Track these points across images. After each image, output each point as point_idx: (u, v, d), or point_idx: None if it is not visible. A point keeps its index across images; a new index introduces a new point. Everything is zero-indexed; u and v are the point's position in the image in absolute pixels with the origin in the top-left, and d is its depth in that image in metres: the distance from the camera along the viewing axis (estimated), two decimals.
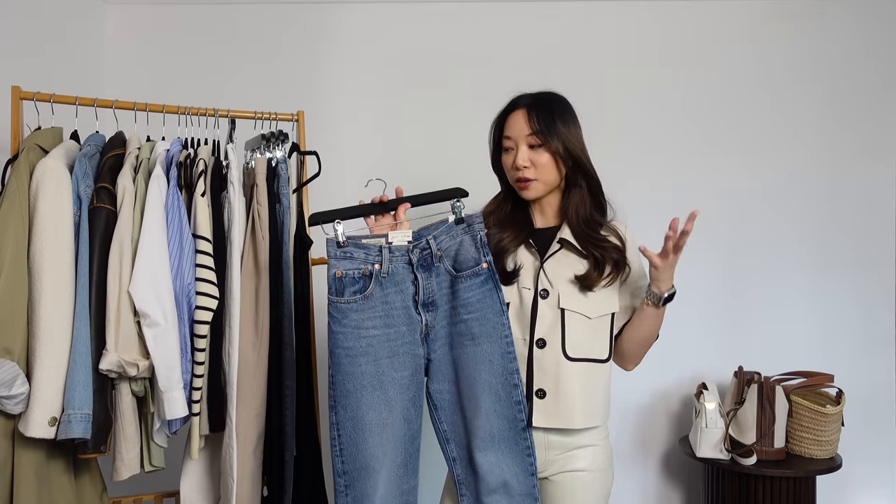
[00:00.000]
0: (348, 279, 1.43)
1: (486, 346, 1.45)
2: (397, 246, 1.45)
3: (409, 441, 1.45)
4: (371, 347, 1.42)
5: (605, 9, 2.69)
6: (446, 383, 1.47)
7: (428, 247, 1.46)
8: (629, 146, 2.66)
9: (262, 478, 1.71)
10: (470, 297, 1.45)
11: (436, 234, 1.47)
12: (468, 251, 1.47)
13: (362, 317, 1.42)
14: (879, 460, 2.66)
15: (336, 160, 2.53)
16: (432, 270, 1.46)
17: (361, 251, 1.44)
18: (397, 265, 1.45)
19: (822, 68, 2.68)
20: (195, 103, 1.86)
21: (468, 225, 1.48)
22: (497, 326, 1.46)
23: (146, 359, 1.54)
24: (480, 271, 1.46)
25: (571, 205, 1.58)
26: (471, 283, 1.45)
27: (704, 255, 2.66)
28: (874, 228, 2.67)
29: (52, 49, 2.37)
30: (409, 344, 1.44)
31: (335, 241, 1.44)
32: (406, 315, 1.44)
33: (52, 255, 1.48)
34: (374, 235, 1.47)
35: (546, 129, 1.51)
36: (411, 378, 1.44)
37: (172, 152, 1.68)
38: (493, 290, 1.46)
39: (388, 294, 1.43)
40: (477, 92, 2.61)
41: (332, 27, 2.69)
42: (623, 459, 2.68)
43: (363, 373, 1.42)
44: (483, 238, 1.47)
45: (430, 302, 1.46)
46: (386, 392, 1.42)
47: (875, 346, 2.67)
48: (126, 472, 1.60)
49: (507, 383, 1.45)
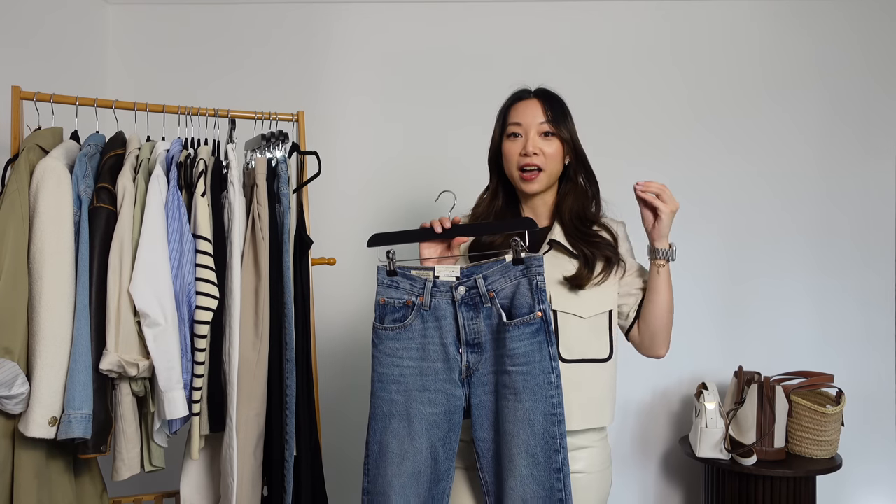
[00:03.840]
0: (390, 307, 1.43)
1: (529, 403, 1.36)
2: (443, 281, 1.42)
3: (434, 481, 1.41)
4: (403, 377, 1.41)
5: (605, 9, 2.69)
6: (490, 433, 1.41)
7: (475, 286, 1.40)
8: (628, 144, 2.66)
9: (262, 478, 1.71)
10: (517, 347, 1.36)
11: (487, 273, 1.40)
12: (524, 296, 1.38)
13: (397, 346, 1.42)
14: (879, 460, 2.66)
15: (336, 160, 2.53)
16: (480, 311, 1.40)
17: (408, 282, 1.43)
18: (440, 300, 1.41)
19: (823, 66, 2.68)
20: (195, 103, 1.86)
21: (526, 267, 1.38)
22: (543, 385, 1.36)
23: (146, 359, 1.54)
24: (533, 320, 1.37)
25: (565, 202, 1.56)
26: (520, 332, 1.37)
27: (704, 255, 2.66)
28: (875, 228, 2.67)
29: (52, 49, 2.37)
30: (444, 382, 1.40)
31: (385, 268, 1.44)
32: (443, 352, 1.41)
33: (52, 255, 1.48)
34: (424, 267, 1.44)
35: (558, 118, 1.54)
36: (443, 417, 1.40)
37: (172, 152, 1.68)
38: (543, 342, 1.36)
39: (428, 328, 1.41)
40: (477, 92, 2.61)
41: (333, 27, 2.69)
42: (623, 459, 2.68)
43: (392, 400, 1.41)
44: (540, 283, 1.37)
45: (475, 343, 1.40)
46: (411, 424, 1.40)
47: (875, 346, 2.67)
48: (126, 472, 1.60)
49: (546, 447, 1.35)
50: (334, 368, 2.59)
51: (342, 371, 2.60)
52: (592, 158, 1.61)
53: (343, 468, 2.39)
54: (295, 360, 1.70)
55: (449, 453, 1.42)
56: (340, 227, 2.63)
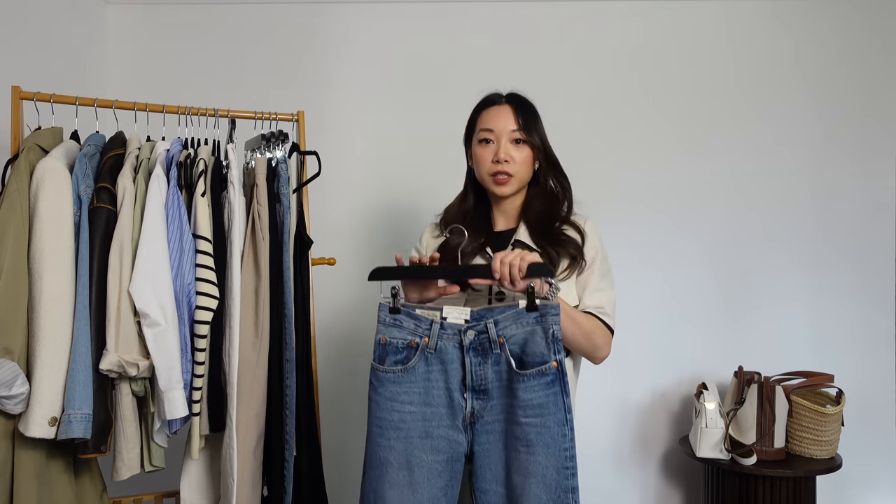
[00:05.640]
0: (392, 347, 1.37)
1: (542, 457, 1.31)
2: (451, 323, 1.36)
3: None
4: (404, 423, 1.36)
5: (606, 9, 2.69)
6: (495, 485, 1.35)
7: (486, 331, 1.35)
8: (622, 148, 2.66)
9: (262, 478, 1.71)
10: (531, 398, 1.32)
11: (499, 318, 1.35)
12: (538, 344, 1.32)
13: (399, 389, 1.36)
14: (879, 460, 2.66)
15: (336, 160, 2.53)
16: (489, 357, 1.35)
17: (412, 321, 1.37)
18: (447, 343, 1.36)
19: (822, 66, 2.68)
20: (195, 103, 1.86)
21: (541, 315, 1.33)
22: (557, 437, 1.31)
23: (146, 359, 1.54)
24: (548, 371, 1.32)
25: (532, 204, 1.56)
26: (535, 382, 1.32)
27: (704, 256, 2.66)
28: (874, 228, 2.67)
29: (52, 49, 2.37)
30: (448, 428, 1.36)
31: (388, 305, 1.38)
32: (448, 397, 1.36)
33: (52, 255, 1.48)
34: (430, 307, 1.38)
35: (529, 125, 1.54)
36: (445, 465, 1.36)
37: (172, 152, 1.68)
38: (558, 394, 1.32)
39: (432, 371, 1.36)
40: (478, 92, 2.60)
41: (333, 27, 2.69)
42: (623, 459, 2.68)
43: (391, 447, 1.35)
44: (556, 333, 1.32)
45: (482, 389, 1.36)
46: (412, 473, 1.35)
47: (875, 346, 2.66)
48: (126, 472, 1.60)
49: (559, 501, 1.31)
50: (334, 368, 2.59)
51: (342, 371, 2.60)
52: (588, 160, 1.61)
53: (343, 468, 2.39)
54: (295, 360, 1.70)
55: (450, 502, 1.37)
56: (340, 227, 2.63)
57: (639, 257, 2.63)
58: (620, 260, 1.62)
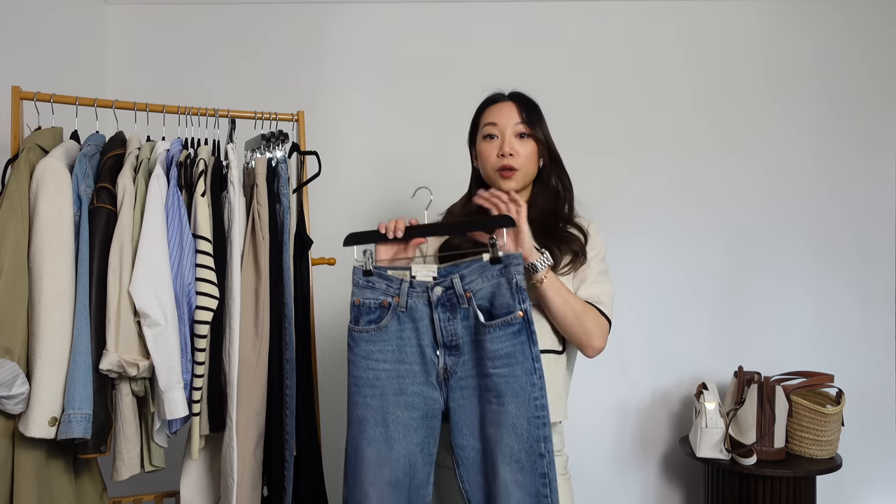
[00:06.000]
0: (365, 308, 1.40)
1: (512, 407, 1.32)
2: (420, 281, 1.38)
3: (414, 489, 1.37)
4: (378, 381, 1.38)
5: (607, 9, 2.69)
6: (472, 440, 1.36)
7: (452, 286, 1.37)
8: (627, 144, 2.66)
9: (262, 478, 1.71)
10: (498, 349, 1.33)
11: (465, 272, 1.37)
12: (504, 296, 1.34)
13: (373, 348, 1.39)
14: (879, 460, 2.66)
15: (336, 160, 2.53)
16: (457, 312, 1.37)
17: (384, 282, 1.40)
18: (416, 301, 1.38)
19: (822, 66, 2.68)
20: (195, 103, 1.86)
21: (505, 266, 1.34)
22: (526, 387, 1.32)
23: (146, 359, 1.54)
24: (513, 321, 1.33)
25: (536, 202, 1.56)
26: (501, 333, 1.33)
27: (704, 255, 2.66)
28: (875, 227, 2.67)
29: (52, 49, 2.37)
30: (422, 385, 1.38)
31: (362, 268, 1.41)
32: (420, 354, 1.38)
33: (52, 255, 1.48)
34: (400, 267, 1.41)
35: (533, 120, 1.55)
36: (421, 421, 1.38)
37: (172, 152, 1.68)
38: (525, 343, 1.33)
39: (404, 329, 1.38)
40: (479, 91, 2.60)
41: (333, 27, 2.69)
42: (623, 459, 2.68)
43: (368, 405, 1.38)
44: (519, 283, 1.33)
45: (453, 345, 1.38)
46: (388, 430, 1.37)
47: (875, 345, 2.67)
48: (126, 472, 1.60)
49: (531, 451, 1.32)
50: (334, 368, 2.59)
51: (342, 371, 2.59)
52: (591, 157, 1.61)
53: (343, 468, 2.39)
54: (295, 360, 1.70)
55: (427, 459, 1.38)
56: (340, 227, 2.62)
57: (639, 257, 2.63)
58: (620, 260, 1.62)
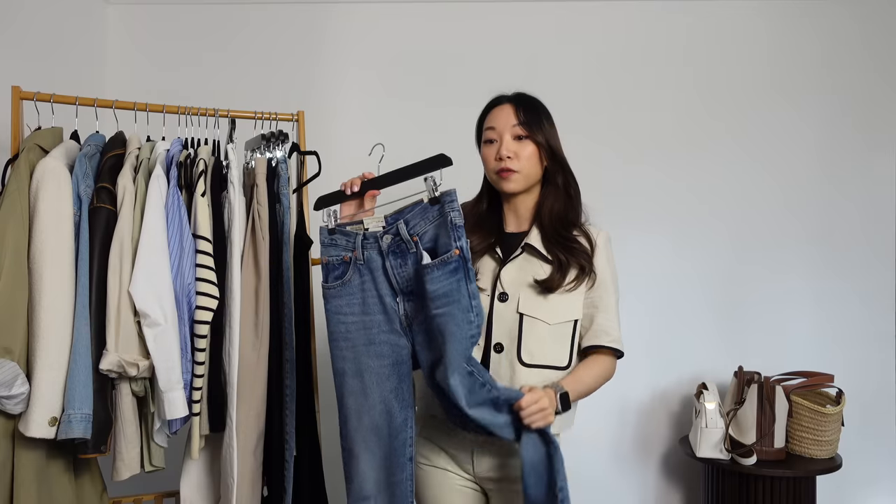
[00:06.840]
0: (331, 265, 1.46)
1: (450, 346, 1.31)
2: (372, 232, 1.42)
3: (393, 434, 1.41)
4: (350, 334, 1.43)
5: (608, 10, 2.69)
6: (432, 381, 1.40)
7: (398, 232, 1.39)
8: (631, 145, 2.66)
9: (262, 478, 1.71)
10: (437, 289, 1.32)
11: (408, 217, 1.39)
12: (445, 236, 1.34)
13: (341, 303, 1.44)
14: (879, 460, 2.66)
15: (336, 160, 2.52)
16: (408, 257, 1.39)
17: (344, 238, 1.44)
18: (371, 252, 1.42)
19: (826, 67, 2.68)
20: (195, 103, 1.86)
21: (441, 205, 1.35)
22: (462, 325, 1.31)
23: (146, 359, 1.54)
24: (450, 259, 1.32)
25: (546, 204, 1.55)
26: (439, 272, 1.33)
27: (704, 256, 2.66)
28: (875, 229, 2.67)
29: (52, 49, 2.37)
30: (388, 333, 1.42)
31: (326, 227, 1.46)
32: (381, 303, 1.42)
33: (52, 255, 1.48)
34: (356, 222, 1.45)
35: (532, 121, 1.53)
36: (392, 369, 1.41)
37: (172, 152, 1.68)
38: (462, 280, 1.31)
39: (365, 281, 1.43)
40: (479, 91, 2.59)
41: (333, 27, 2.69)
42: (623, 459, 2.68)
43: (344, 357, 1.44)
44: (455, 220, 1.33)
45: (409, 291, 1.40)
46: (363, 379, 1.42)
47: (875, 345, 2.67)
48: (126, 472, 1.60)
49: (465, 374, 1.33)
50: None
51: None
52: (595, 155, 1.60)
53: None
54: (295, 360, 1.71)
55: (403, 404, 1.42)
56: None
57: (639, 257, 2.63)
58: (621, 260, 1.61)
